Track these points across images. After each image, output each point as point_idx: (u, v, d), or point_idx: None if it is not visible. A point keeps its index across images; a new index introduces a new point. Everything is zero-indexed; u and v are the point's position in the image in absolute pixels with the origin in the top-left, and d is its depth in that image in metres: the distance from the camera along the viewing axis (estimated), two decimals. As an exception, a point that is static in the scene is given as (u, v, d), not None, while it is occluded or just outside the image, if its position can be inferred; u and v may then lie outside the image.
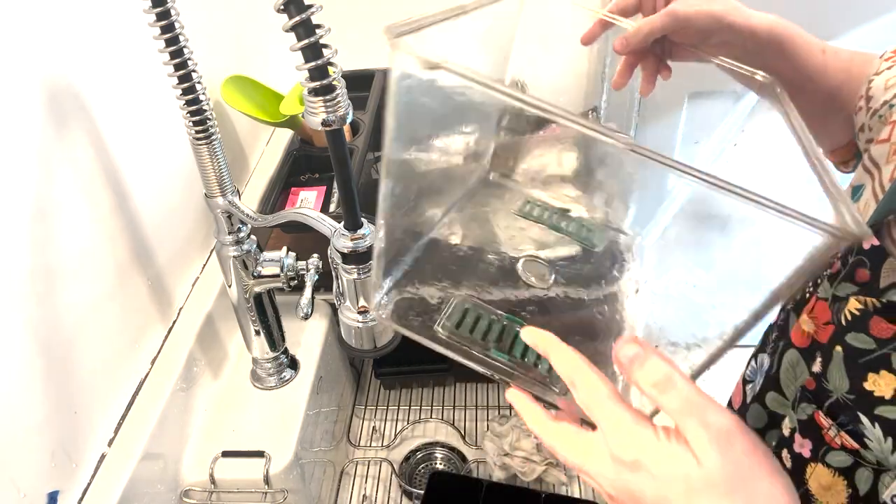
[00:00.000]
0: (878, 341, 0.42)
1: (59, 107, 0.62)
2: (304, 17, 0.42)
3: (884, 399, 0.42)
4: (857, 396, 0.43)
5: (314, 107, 0.46)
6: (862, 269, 0.44)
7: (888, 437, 0.42)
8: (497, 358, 0.47)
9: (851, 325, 0.43)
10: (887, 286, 0.42)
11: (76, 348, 0.64)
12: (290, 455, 0.75)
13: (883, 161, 0.48)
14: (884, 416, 0.42)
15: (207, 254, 0.92)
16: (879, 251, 0.43)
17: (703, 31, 0.57)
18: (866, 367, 0.42)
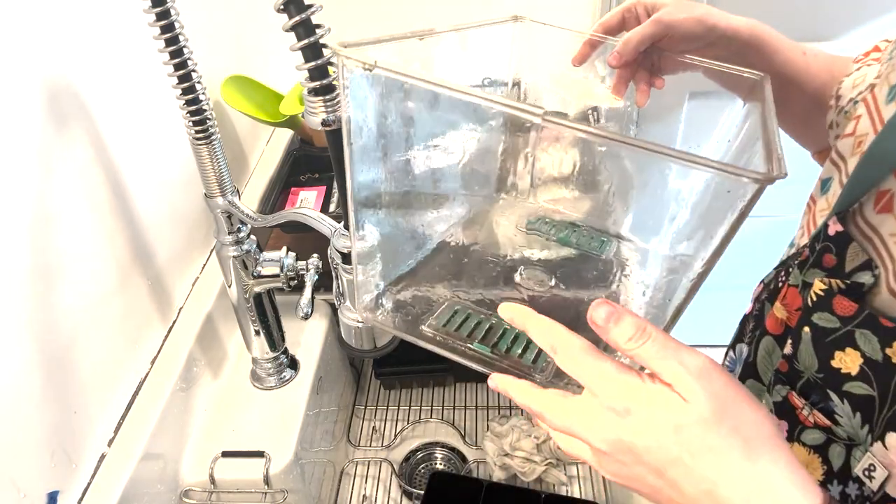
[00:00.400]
0: (842, 319, 0.43)
1: (59, 107, 0.62)
2: (303, 17, 0.42)
3: (851, 375, 0.43)
4: (826, 375, 0.45)
5: (314, 107, 0.46)
6: (828, 255, 0.46)
7: (857, 413, 0.43)
8: (479, 350, 0.48)
9: (817, 305, 0.45)
10: (852, 270, 0.44)
11: (76, 348, 0.64)
12: (290, 455, 0.75)
13: (848, 154, 0.50)
14: (852, 392, 0.43)
15: (207, 254, 0.92)
16: (844, 237, 0.45)
17: (688, 35, 0.59)
18: (833, 346, 0.44)
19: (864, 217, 0.45)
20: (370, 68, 0.39)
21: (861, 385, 0.43)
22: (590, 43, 0.65)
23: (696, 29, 0.59)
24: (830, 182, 0.52)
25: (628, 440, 0.35)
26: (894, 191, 0.43)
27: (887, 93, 0.48)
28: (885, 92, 0.48)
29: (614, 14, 0.64)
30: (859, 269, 0.44)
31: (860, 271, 0.44)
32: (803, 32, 1.45)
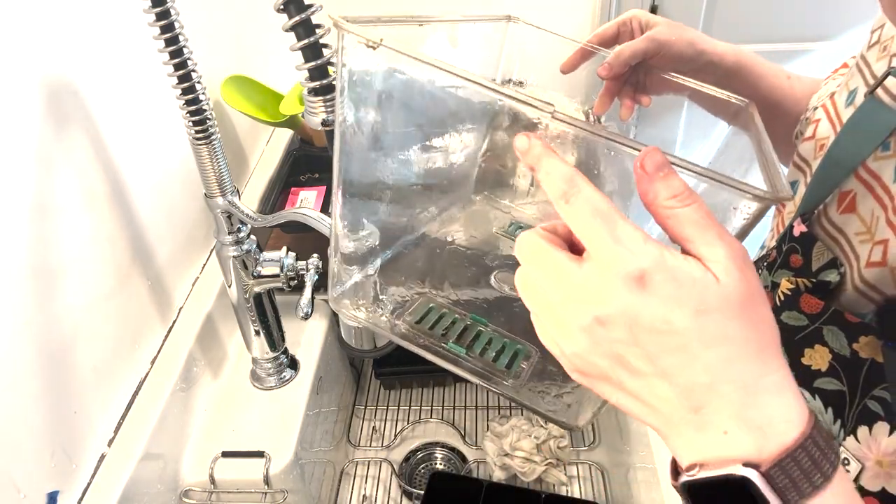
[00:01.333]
0: (810, 317, 0.44)
1: (59, 106, 0.62)
2: (303, 17, 0.42)
3: (821, 371, 0.44)
4: (797, 372, 0.45)
5: (314, 107, 0.46)
6: (795, 255, 0.47)
7: (828, 408, 0.44)
8: (453, 350, 0.47)
9: (784, 304, 0.46)
10: (818, 269, 0.45)
11: (76, 348, 0.64)
12: (290, 455, 0.75)
13: (811, 157, 0.51)
14: (823, 388, 0.44)
15: (207, 254, 0.92)
16: (809, 237, 0.46)
17: (678, 57, 0.61)
18: (802, 343, 0.45)
19: (828, 218, 0.46)
20: (374, 46, 0.35)
21: (831, 381, 0.44)
22: (581, 52, 0.66)
23: (686, 51, 0.60)
24: (797, 185, 0.53)
25: (633, 312, 0.29)
26: (856, 191, 0.44)
27: (846, 97, 0.49)
28: (844, 97, 0.49)
29: (610, 26, 0.65)
30: (825, 268, 0.45)
31: (826, 269, 0.45)
32: (804, 32, 1.45)
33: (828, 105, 0.51)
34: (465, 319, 0.51)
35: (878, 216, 0.43)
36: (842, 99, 0.50)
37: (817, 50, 1.45)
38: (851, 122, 0.45)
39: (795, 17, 1.43)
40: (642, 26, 0.63)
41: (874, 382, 0.41)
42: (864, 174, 0.44)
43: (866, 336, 0.41)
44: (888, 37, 0.48)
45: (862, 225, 0.44)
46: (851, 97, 0.49)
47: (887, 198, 0.42)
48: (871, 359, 0.41)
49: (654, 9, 1.41)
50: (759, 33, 1.45)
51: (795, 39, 1.46)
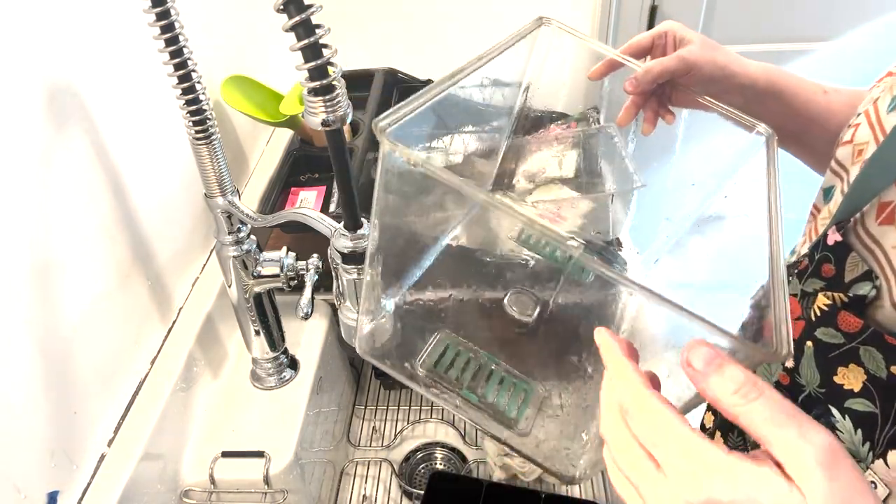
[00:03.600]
0: (847, 335, 0.43)
1: (59, 106, 0.62)
2: (303, 17, 0.42)
3: (853, 392, 0.43)
4: (827, 390, 0.45)
5: (314, 107, 0.46)
6: (827, 265, 0.46)
7: (858, 429, 0.43)
8: (467, 398, 0.48)
9: (821, 320, 0.45)
10: (851, 280, 0.44)
11: (76, 348, 0.64)
12: (290, 455, 0.75)
13: (848, 162, 0.50)
14: (853, 409, 0.43)
15: (207, 254, 0.92)
16: (843, 247, 0.45)
17: (707, 78, 0.60)
18: (836, 361, 0.44)
19: (865, 228, 0.45)
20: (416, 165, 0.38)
21: (864, 402, 0.42)
22: (610, 63, 0.66)
23: (716, 74, 0.60)
24: (833, 191, 0.52)
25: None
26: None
27: (889, 102, 0.48)
28: (886, 102, 0.48)
29: (645, 37, 0.64)
30: (859, 280, 0.43)
31: (860, 282, 0.43)
32: (804, 32, 1.45)
33: (870, 110, 0.50)
34: (478, 358, 0.52)
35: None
36: (884, 104, 0.49)
37: (817, 50, 1.45)
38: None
39: (795, 17, 1.43)
40: (676, 42, 0.62)
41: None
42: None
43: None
44: None
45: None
46: (894, 103, 0.47)
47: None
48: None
49: (654, 9, 1.41)
50: (759, 33, 1.45)
51: (795, 39, 1.46)
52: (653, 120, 0.66)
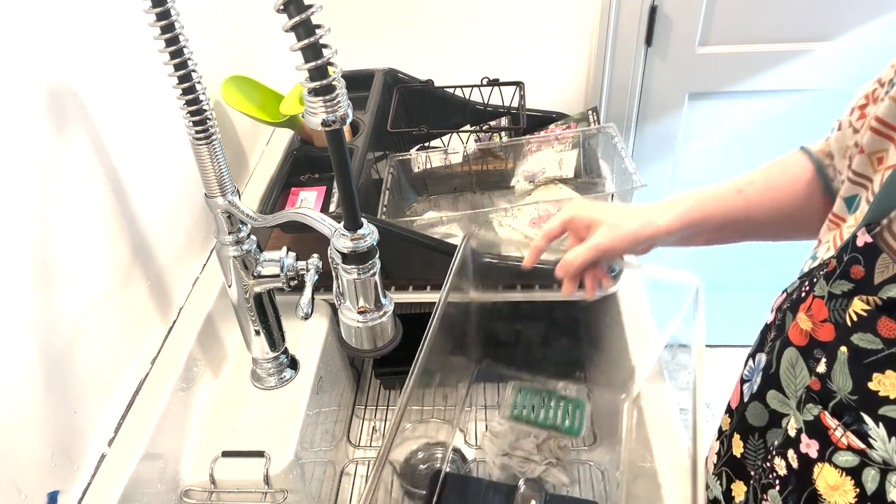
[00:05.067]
0: (886, 341, 0.42)
1: (60, 106, 0.62)
2: (303, 17, 0.42)
3: (889, 399, 0.42)
4: (860, 397, 0.44)
5: (314, 107, 0.46)
6: (856, 266, 0.45)
7: (892, 437, 0.42)
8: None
9: (858, 325, 0.44)
10: (882, 282, 0.43)
11: (76, 348, 0.64)
12: (290, 455, 0.75)
13: (870, 171, 0.51)
14: (888, 416, 0.42)
15: (207, 254, 0.92)
16: (872, 248, 0.44)
17: (626, 251, 0.66)
18: (872, 367, 0.43)
19: (893, 232, 0.44)
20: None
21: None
22: (537, 249, 0.71)
23: (631, 247, 0.65)
24: (857, 200, 0.52)
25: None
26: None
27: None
28: (894, 108, 0.48)
29: (555, 227, 0.69)
30: (890, 282, 0.43)
31: (890, 284, 0.43)
32: (804, 32, 1.45)
33: (873, 124, 0.50)
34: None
35: None
36: (890, 110, 0.48)
37: (817, 50, 1.45)
38: None
39: (795, 17, 1.43)
40: (586, 226, 0.67)
41: None
42: None
43: None
44: None
45: None
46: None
47: None
48: None
49: (654, 9, 1.41)
50: (759, 33, 1.45)
51: (795, 39, 1.46)
52: (593, 286, 0.71)
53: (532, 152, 1.14)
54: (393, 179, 1.09)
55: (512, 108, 1.23)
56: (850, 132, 0.56)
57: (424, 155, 1.13)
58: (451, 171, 1.15)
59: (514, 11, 1.40)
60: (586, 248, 0.65)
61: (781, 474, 0.51)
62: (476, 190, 1.17)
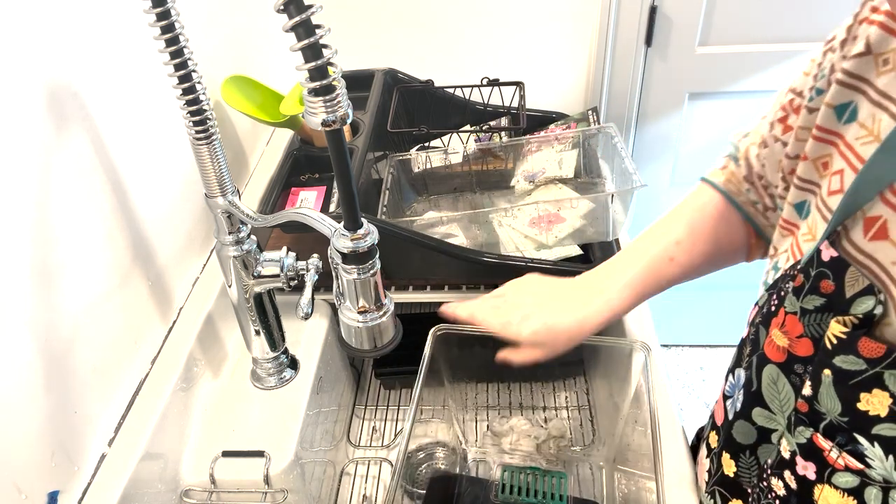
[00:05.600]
0: (869, 361, 0.42)
1: (60, 107, 0.62)
2: (304, 18, 0.42)
3: (880, 417, 0.42)
4: (851, 418, 0.44)
5: (314, 107, 0.46)
6: (825, 281, 0.45)
7: (889, 455, 0.42)
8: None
9: (839, 348, 0.43)
10: (853, 295, 0.43)
11: (76, 348, 0.64)
12: (290, 455, 0.75)
13: (815, 176, 0.51)
14: (882, 435, 0.42)
15: (207, 254, 0.92)
16: (839, 262, 0.44)
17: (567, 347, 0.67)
18: (858, 388, 0.43)
19: (853, 243, 0.44)
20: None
21: (892, 426, 0.42)
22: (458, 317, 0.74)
23: (569, 344, 0.66)
24: (806, 206, 0.52)
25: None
26: (886, 217, 0.42)
27: (836, 113, 0.48)
28: (829, 114, 0.48)
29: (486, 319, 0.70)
30: (861, 295, 0.43)
31: (862, 296, 0.43)
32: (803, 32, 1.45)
33: (815, 132, 0.50)
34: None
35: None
36: (827, 117, 0.48)
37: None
38: (890, 142, 0.43)
39: (795, 17, 1.43)
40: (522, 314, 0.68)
41: None
42: (893, 198, 0.41)
43: None
44: (888, 49, 0.45)
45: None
46: (849, 112, 0.47)
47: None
48: None
49: (654, 9, 1.41)
50: (759, 33, 1.45)
51: (795, 39, 1.46)
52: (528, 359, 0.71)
53: (532, 152, 1.14)
54: (393, 179, 1.09)
55: (512, 109, 1.23)
56: (779, 146, 0.57)
57: (424, 155, 1.13)
58: (451, 171, 1.15)
59: (514, 11, 1.40)
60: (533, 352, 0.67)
61: (781, 494, 0.51)
62: (476, 190, 1.17)
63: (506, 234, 1.03)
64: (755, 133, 0.64)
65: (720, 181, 0.68)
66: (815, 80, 0.52)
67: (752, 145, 0.63)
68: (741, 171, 0.65)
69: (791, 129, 0.55)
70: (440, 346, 0.82)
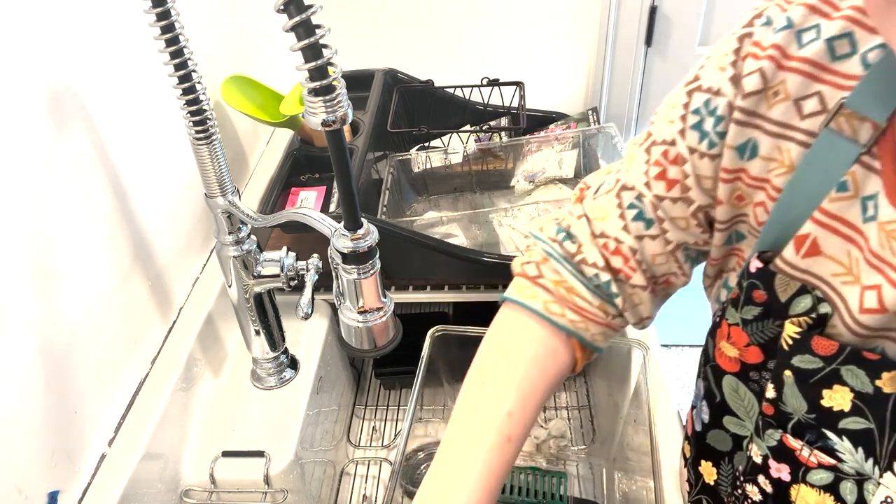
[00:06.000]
0: (825, 359, 0.43)
1: (60, 107, 0.62)
2: (304, 18, 0.42)
3: (844, 412, 0.43)
4: (818, 415, 0.44)
5: (314, 107, 0.46)
6: (757, 291, 0.46)
7: (858, 448, 0.43)
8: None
9: (795, 348, 0.44)
10: (788, 299, 0.45)
11: (76, 348, 0.64)
12: (290, 455, 0.75)
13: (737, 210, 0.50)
14: (849, 429, 0.43)
15: (207, 254, 0.92)
16: (765, 272, 0.46)
17: None
18: (819, 385, 0.44)
19: (786, 261, 0.45)
20: None
21: (857, 420, 0.42)
22: None
23: None
24: (740, 233, 0.52)
25: None
26: (815, 234, 0.43)
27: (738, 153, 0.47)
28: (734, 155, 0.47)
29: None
30: (796, 296, 0.44)
31: (797, 297, 0.44)
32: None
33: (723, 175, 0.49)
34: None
35: (857, 257, 0.42)
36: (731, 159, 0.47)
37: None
38: (809, 161, 0.43)
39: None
40: None
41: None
42: (821, 216, 0.43)
43: (889, 371, 0.40)
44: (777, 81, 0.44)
45: (839, 266, 0.43)
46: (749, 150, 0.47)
47: (860, 238, 0.41)
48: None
49: (654, 9, 1.41)
50: (758, 33, 1.45)
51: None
52: None
53: (532, 152, 1.14)
54: (393, 179, 1.10)
55: (512, 109, 1.23)
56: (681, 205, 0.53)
57: (424, 155, 1.13)
58: (451, 171, 1.15)
59: (514, 11, 1.40)
60: None
61: (756, 500, 0.51)
62: (476, 190, 1.17)
63: (506, 234, 1.03)
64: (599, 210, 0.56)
65: (539, 306, 0.58)
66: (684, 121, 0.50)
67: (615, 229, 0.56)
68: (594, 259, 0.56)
69: (676, 182, 0.52)
70: (438, 346, 0.82)
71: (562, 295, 0.58)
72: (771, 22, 0.45)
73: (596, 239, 0.57)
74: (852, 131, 0.42)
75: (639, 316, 0.60)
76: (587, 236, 0.57)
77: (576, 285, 0.57)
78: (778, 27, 0.44)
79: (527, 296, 0.59)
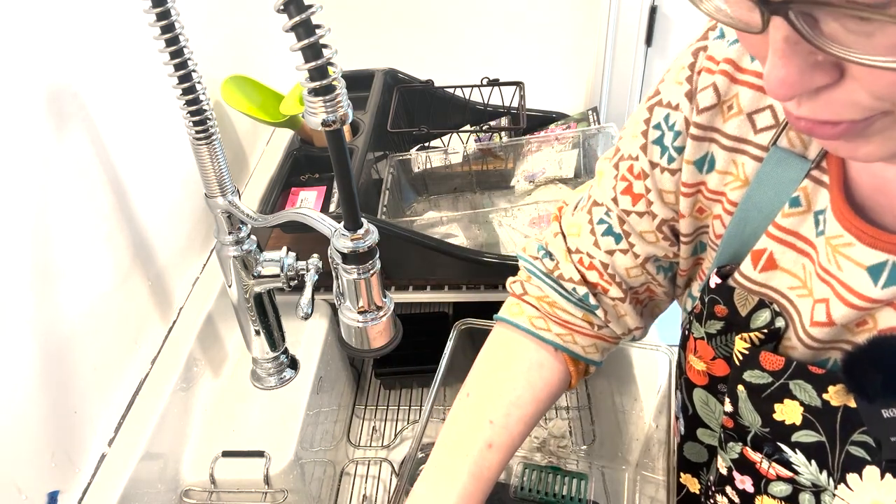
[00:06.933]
0: (773, 374, 0.43)
1: (60, 107, 0.62)
2: (303, 18, 0.42)
3: (796, 426, 0.43)
4: (771, 428, 0.45)
5: (314, 107, 0.46)
6: (718, 306, 0.47)
7: (811, 460, 0.43)
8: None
9: (745, 364, 0.45)
10: (748, 313, 0.45)
11: (76, 348, 0.64)
12: (290, 455, 0.75)
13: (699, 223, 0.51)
14: (801, 442, 0.43)
15: (207, 254, 0.92)
16: (724, 287, 0.46)
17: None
18: (770, 400, 0.44)
19: (744, 275, 0.46)
20: None
21: (808, 433, 0.43)
22: None
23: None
24: (703, 245, 0.53)
25: None
26: (771, 249, 0.44)
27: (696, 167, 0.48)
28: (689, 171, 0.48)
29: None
30: (756, 310, 0.45)
31: (757, 311, 0.44)
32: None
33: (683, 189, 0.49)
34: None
35: (811, 271, 0.42)
36: (690, 173, 0.48)
37: (817, 50, 1.45)
38: (762, 176, 0.44)
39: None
40: None
41: (852, 428, 0.41)
42: (776, 231, 0.43)
43: (834, 385, 0.41)
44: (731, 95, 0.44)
45: (795, 279, 0.43)
46: (707, 164, 0.47)
47: (814, 251, 0.42)
48: (844, 405, 0.41)
49: (654, 9, 1.41)
50: (758, 33, 1.45)
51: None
52: None
53: (532, 152, 1.14)
54: (393, 179, 1.09)
55: (512, 109, 1.23)
56: (646, 219, 0.53)
57: (424, 155, 1.13)
58: (451, 171, 1.15)
59: (514, 11, 1.40)
60: None
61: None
62: (476, 190, 1.17)
63: (506, 234, 1.03)
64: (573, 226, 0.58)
65: (524, 322, 0.60)
66: (646, 136, 0.50)
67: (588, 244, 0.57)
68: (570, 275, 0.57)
69: (641, 196, 0.52)
70: (463, 340, 0.82)
71: (546, 310, 0.59)
72: (724, 34, 0.45)
73: (571, 255, 0.58)
74: (802, 146, 0.42)
75: (626, 327, 0.60)
76: (563, 252, 0.59)
77: (558, 300, 0.59)
78: (731, 39, 0.44)
79: (513, 313, 0.62)
